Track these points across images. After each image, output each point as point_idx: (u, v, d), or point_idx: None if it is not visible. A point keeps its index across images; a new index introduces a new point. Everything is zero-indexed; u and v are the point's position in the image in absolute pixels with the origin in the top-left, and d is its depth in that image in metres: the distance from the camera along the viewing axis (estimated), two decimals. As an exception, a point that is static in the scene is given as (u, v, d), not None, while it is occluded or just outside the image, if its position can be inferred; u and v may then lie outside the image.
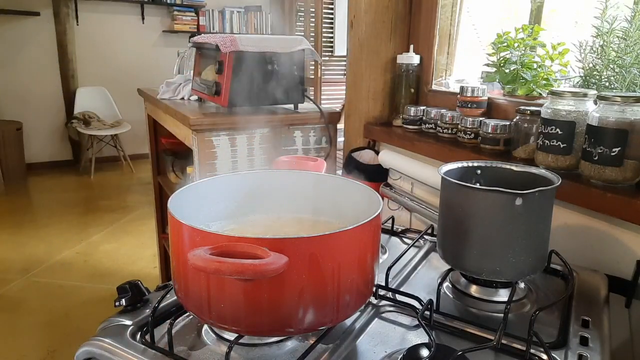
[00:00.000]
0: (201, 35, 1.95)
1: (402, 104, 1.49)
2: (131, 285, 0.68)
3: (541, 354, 0.59)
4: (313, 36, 4.94)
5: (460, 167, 0.82)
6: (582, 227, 0.95)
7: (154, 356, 0.58)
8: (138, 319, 0.65)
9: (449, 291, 0.77)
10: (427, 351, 0.55)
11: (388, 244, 0.94)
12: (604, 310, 0.72)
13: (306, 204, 0.76)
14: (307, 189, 0.76)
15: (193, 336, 0.63)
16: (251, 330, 0.56)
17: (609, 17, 1.01)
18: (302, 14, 5.19)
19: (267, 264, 0.48)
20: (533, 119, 1.04)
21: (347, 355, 0.60)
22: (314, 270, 0.53)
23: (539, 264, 0.74)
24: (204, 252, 0.49)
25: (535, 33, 1.22)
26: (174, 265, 0.60)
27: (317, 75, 4.79)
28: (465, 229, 0.72)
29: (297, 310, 0.54)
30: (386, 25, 1.50)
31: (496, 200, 0.69)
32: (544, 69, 1.20)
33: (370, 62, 1.52)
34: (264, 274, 0.48)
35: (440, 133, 1.30)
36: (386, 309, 0.70)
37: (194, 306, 0.57)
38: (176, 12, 5.34)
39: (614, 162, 0.85)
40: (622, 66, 1.00)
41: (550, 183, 0.72)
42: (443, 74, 1.54)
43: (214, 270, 0.47)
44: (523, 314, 0.71)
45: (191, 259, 0.48)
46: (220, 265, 0.47)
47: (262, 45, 1.65)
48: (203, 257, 0.48)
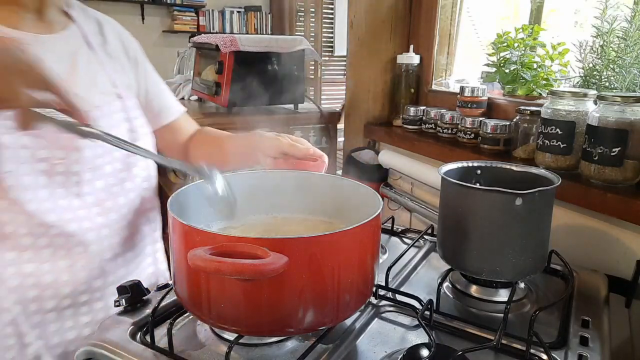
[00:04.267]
0: (201, 35, 1.96)
1: (402, 104, 1.49)
2: (131, 285, 0.68)
3: (541, 354, 0.59)
4: (313, 36, 4.95)
5: (460, 167, 0.82)
6: (582, 227, 0.95)
7: (153, 356, 0.58)
8: (138, 319, 0.65)
9: (449, 291, 0.77)
10: (427, 351, 0.55)
11: (388, 244, 0.94)
12: (604, 310, 0.72)
13: (306, 203, 0.76)
14: (308, 188, 0.76)
15: (193, 336, 0.63)
16: (251, 330, 0.56)
17: (609, 17, 1.01)
18: (302, 14, 5.20)
19: (266, 264, 0.48)
20: (533, 119, 1.04)
21: (347, 355, 0.60)
22: (314, 270, 0.53)
23: (539, 264, 0.74)
24: (204, 252, 0.49)
25: (535, 33, 1.22)
26: (174, 265, 0.60)
27: (317, 75, 4.80)
28: (465, 229, 0.72)
29: (297, 310, 0.54)
30: (386, 25, 1.50)
31: (496, 200, 0.69)
32: (544, 69, 1.20)
33: (370, 62, 1.52)
34: (264, 274, 0.48)
35: (440, 133, 1.30)
36: (386, 309, 0.70)
37: (194, 306, 0.57)
38: (176, 12, 5.33)
39: (614, 162, 0.85)
40: (622, 66, 1.00)
41: (550, 183, 0.72)
42: (443, 74, 1.54)
43: (214, 270, 0.47)
44: (523, 314, 0.71)
45: (191, 258, 0.48)
46: (220, 265, 0.47)
47: (262, 45, 1.65)
48: (203, 257, 0.48)
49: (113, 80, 0.83)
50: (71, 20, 0.82)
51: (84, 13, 0.85)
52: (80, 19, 0.83)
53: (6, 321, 0.72)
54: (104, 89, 0.81)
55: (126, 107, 0.83)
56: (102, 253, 0.78)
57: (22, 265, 0.71)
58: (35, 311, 0.73)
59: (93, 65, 0.81)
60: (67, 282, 0.75)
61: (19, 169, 0.69)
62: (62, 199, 0.73)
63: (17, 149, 0.68)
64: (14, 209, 0.69)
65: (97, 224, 0.77)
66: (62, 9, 0.82)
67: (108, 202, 0.79)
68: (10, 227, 0.70)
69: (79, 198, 0.75)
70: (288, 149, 0.79)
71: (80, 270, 0.76)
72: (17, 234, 0.70)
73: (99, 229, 0.77)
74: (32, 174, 0.70)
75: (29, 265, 0.72)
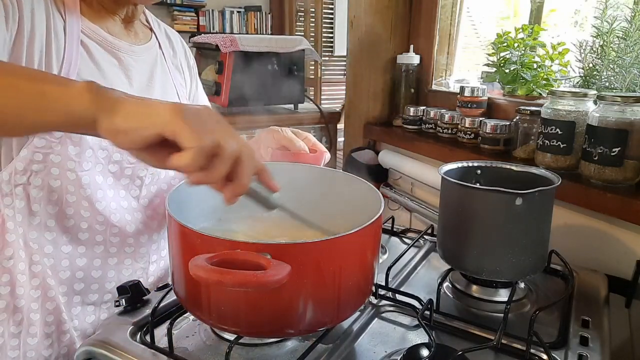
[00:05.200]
0: (201, 35, 1.96)
1: (402, 104, 1.49)
2: (131, 285, 0.68)
3: (541, 354, 0.59)
4: (313, 36, 4.94)
5: (460, 167, 0.82)
6: (582, 227, 0.95)
7: (153, 356, 0.58)
8: (138, 319, 0.65)
9: (449, 291, 0.77)
10: (427, 351, 0.55)
11: (388, 244, 0.94)
12: (604, 310, 0.72)
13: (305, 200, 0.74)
14: (306, 184, 0.75)
15: (193, 336, 0.63)
16: (251, 331, 0.56)
17: (609, 17, 1.01)
18: (302, 14, 5.19)
19: (270, 275, 0.46)
20: (533, 119, 1.04)
21: (347, 355, 0.60)
22: (316, 274, 0.52)
23: (539, 264, 0.74)
24: (205, 261, 0.47)
25: (535, 33, 1.22)
26: (172, 265, 0.60)
27: (317, 75, 4.79)
28: (465, 229, 0.72)
29: (298, 312, 0.53)
30: (386, 25, 1.50)
31: (496, 200, 0.69)
32: (544, 69, 1.20)
33: (370, 62, 1.52)
34: (267, 286, 0.47)
35: (440, 133, 1.30)
36: (386, 309, 0.70)
37: (194, 307, 0.57)
38: (176, 12, 5.33)
39: (614, 162, 0.85)
40: (622, 66, 1.00)
41: (550, 183, 0.72)
42: (443, 74, 1.54)
43: (216, 282, 0.46)
44: (523, 314, 0.71)
45: (192, 268, 0.47)
46: (222, 277, 0.46)
47: (262, 45, 1.65)
48: (204, 267, 0.47)
49: (177, 91, 0.88)
50: (152, 32, 0.87)
51: (157, 25, 0.90)
52: (155, 29, 0.88)
53: (50, 309, 0.74)
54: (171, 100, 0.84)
55: None
56: (149, 255, 0.82)
57: (75, 259, 0.75)
58: (78, 302, 0.77)
59: (166, 76, 0.86)
60: (112, 278, 0.79)
61: (95, 168, 0.72)
62: (124, 200, 0.77)
63: (98, 149, 0.72)
64: (83, 205, 0.72)
65: (150, 227, 0.81)
66: (143, 22, 0.86)
67: (161, 207, 0.83)
68: (73, 221, 0.73)
69: (136, 201, 0.79)
70: (285, 141, 0.81)
71: (126, 269, 0.80)
72: (77, 229, 0.74)
73: (151, 232, 0.82)
74: (104, 174, 0.73)
75: (82, 260, 0.75)
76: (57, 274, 0.74)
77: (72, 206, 0.72)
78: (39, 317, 0.73)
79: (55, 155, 0.68)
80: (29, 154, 0.68)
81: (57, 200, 0.71)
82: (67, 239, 0.74)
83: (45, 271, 0.73)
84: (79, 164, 0.70)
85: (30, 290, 0.73)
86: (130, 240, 0.79)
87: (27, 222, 0.71)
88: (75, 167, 0.70)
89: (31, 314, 0.73)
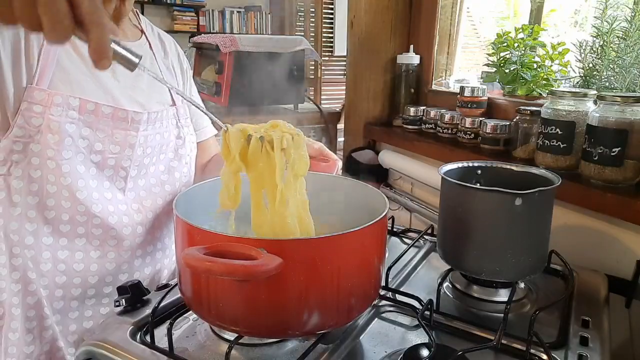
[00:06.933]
0: (201, 36, 1.96)
1: (402, 104, 1.49)
2: (131, 285, 0.68)
3: (541, 354, 0.59)
4: (313, 36, 4.95)
5: (460, 167, 0.82)
6: (582, 227, 0.95)
7: (153, 356, 0.58)
8: (138, 319, 0.65)
9: (449, 291, 0.77)
10: (427, 351, 0.55)
11: (388, 244, 0.94)
12: (604, 310, 0.72)
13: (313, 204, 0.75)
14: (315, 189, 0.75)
15: (193, 336, 0.63)
16: (249, 331, 0.56)
17: (609, 17, 1.01)
18: (302, 14, 5.20)
19: (258, 265, 0.47)
20: (533, 119, 1.04)
21: (347, 355, 0.60)
22: (313, 272, 0.52)
23: (539, 264, 0.74)
24: (198, 251, 0.48)
25: (535, 33, 1.22)
26: (178, 263, 0.61)
27: (317, 75, 4.80)
28: (465, 229, 0.72)
29: (296, 312, 0.53)
30: (386, 25, 1.50)
31: (496, 200, 0.69)
32: (544, 69, 1.20)
33: (370, 62, 1.52)
34: (255, 275, 0.48)
35: (440, 133, 1.30)
36: (386, 309, 0.70)
37: (195, 304, 0.58)
38: (176, 12, 5.33)
39: (614, 162, 0.85)
40: (622, 66, 1.00)
41: (550, 183, 0.72)
42: (443, 74, 1.54)
43: (205, 269, 0.47)
44: (523, 314, 0.71)
45: (184, 257, 0.48)
46: (211, 265, 0.47)
47: (262, 46, 1.65)
48: (195, 256, 0.48)
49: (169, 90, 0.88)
50: (141, 33, 0.88)
51: (151, 28, 0.92)
52: (147, 32, 0.90)
53: (31, 303, 0.74)
54: (160, 98, 0.85)
55: (178, 114, 0.88)
56: (133, 249, 0.82)
57: (57, 251, 0.75)
58: (60, 297, 0.76)
59: (155, 69, 0.86)
60: (96, 272, 0.78)
61: (76, 157, 0.72)
62: (107, 191, 0.77)
63: (77, 138, 0.71)
64: (63, 195, 0.72)
65: (135, 221, 0.81)
66: (133, 22, 0.88)
67: (147, 201, 0.83)
68: (54, 212, 0.73)
69: (122, 193, 0.79)
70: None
71: (109, 262, 0.79)
72: (58, 220, 0.73)
73: (135, 225, 0.81)
74: (85, 164, 0.73)
75: (63, 252, 0.75)
76: (38, 266, 0.73)
77: (52, 197, 0.72)
78: (20, 312, 0.73)
79: (35, 144, 0.69)
80: (8, 143, 0.68)
81: (37, 190, 0.71)
82: (49, 230, 0.73)
83: (26, 264, 0.73)
84: (58, 152, 0.70)
85: (11, 283, 0.72)
86: (113, 232, 0.78)
87: (8, 213, 0.71)
88: (54, 155, 0.70)
89: (12, 308, 0.73)
